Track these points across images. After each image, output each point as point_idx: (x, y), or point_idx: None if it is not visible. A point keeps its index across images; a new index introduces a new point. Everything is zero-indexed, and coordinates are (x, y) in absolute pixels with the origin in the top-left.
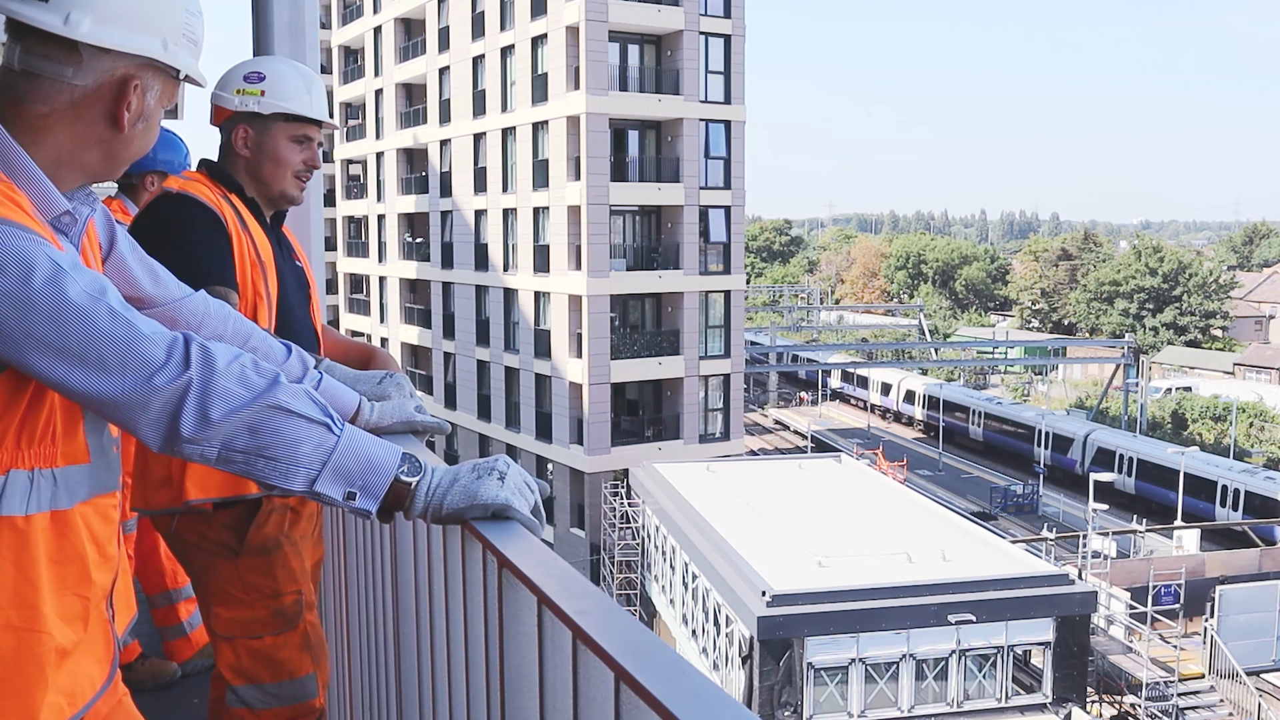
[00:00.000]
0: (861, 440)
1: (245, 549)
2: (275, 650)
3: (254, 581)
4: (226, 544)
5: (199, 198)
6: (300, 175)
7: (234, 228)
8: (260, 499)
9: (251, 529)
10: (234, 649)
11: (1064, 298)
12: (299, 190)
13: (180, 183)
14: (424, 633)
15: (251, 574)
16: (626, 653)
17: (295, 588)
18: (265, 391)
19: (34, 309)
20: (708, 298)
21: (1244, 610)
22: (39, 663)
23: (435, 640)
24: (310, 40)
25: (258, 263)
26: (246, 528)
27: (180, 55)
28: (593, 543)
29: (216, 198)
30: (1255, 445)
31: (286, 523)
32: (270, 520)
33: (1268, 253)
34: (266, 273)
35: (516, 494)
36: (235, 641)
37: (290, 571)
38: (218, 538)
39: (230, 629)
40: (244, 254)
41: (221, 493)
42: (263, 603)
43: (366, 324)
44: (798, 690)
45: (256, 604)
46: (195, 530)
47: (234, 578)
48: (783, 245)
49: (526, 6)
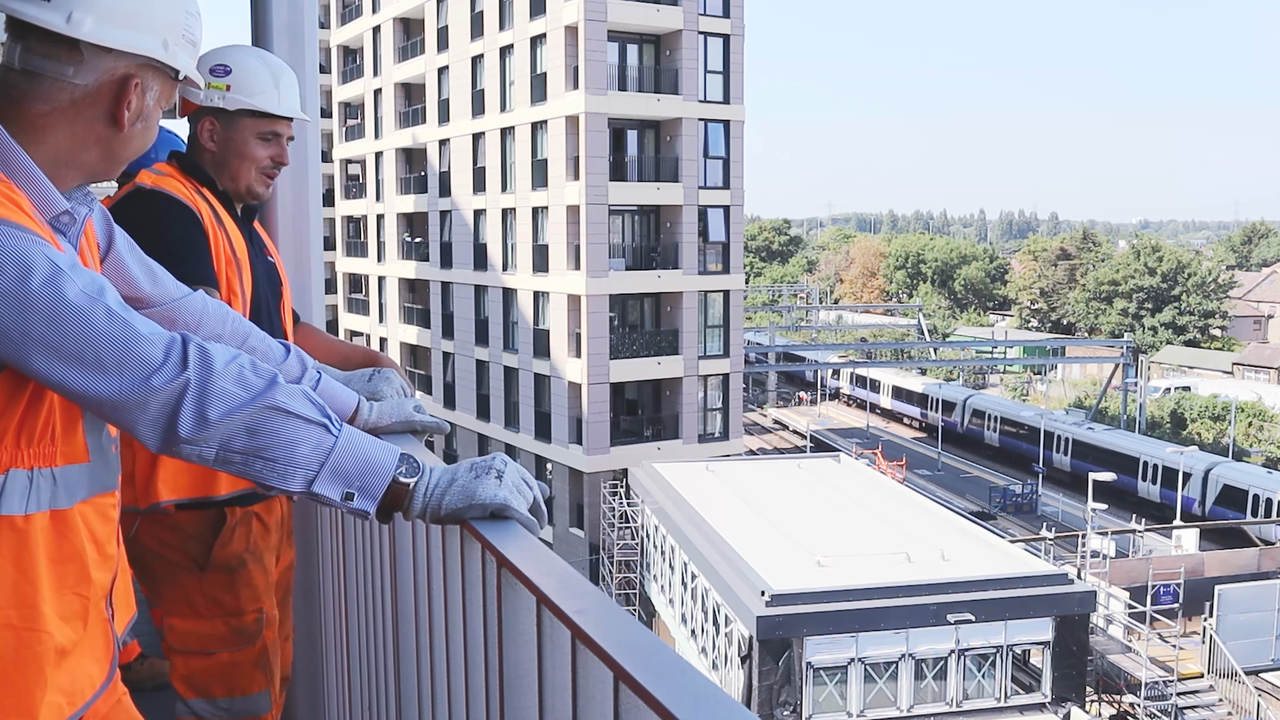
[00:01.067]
0: (860, 440)
1: (210, 564)
2: (230, 667)
3: (216, 597)
4: (192, 555)
5: (173, 194)
6: (267, 172)
7: (209, 223)
8: (225, 511)
9: (216, 545)
10: (187, 661)
11: (1063, 297)
12: (265, 187)
13: (153, 178)
14: (423, 633)
15: (214, 590)
16: (626, 652)
17: (257, 605)
18: (263, 392)
19: (32, 309)
20: (707, 297)
21: (1243, 610)
22: (38, 662)
23: (434, 640)
24: (309, 40)
25: (233, 259)
26: (213, 540)
27: (180, 56)
28: (592, 542)
29: (190, 193)
30: (1254, 445)
31: (253, 536)
32: (235, 537)
33: (1266, 252)
34: (241, 269)
35: (515, 493)
36: (190, 655)
37: (254, 590)
38: (184, 547)
39: (186, 642)
40: (219, 250)
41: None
42: (223, 619)
43: (365, 324)
44: (797, 690)
45: (216, 619)
46: (157, 537)
47: (196, 592)
48: (782, 245)
49: (525, 6)
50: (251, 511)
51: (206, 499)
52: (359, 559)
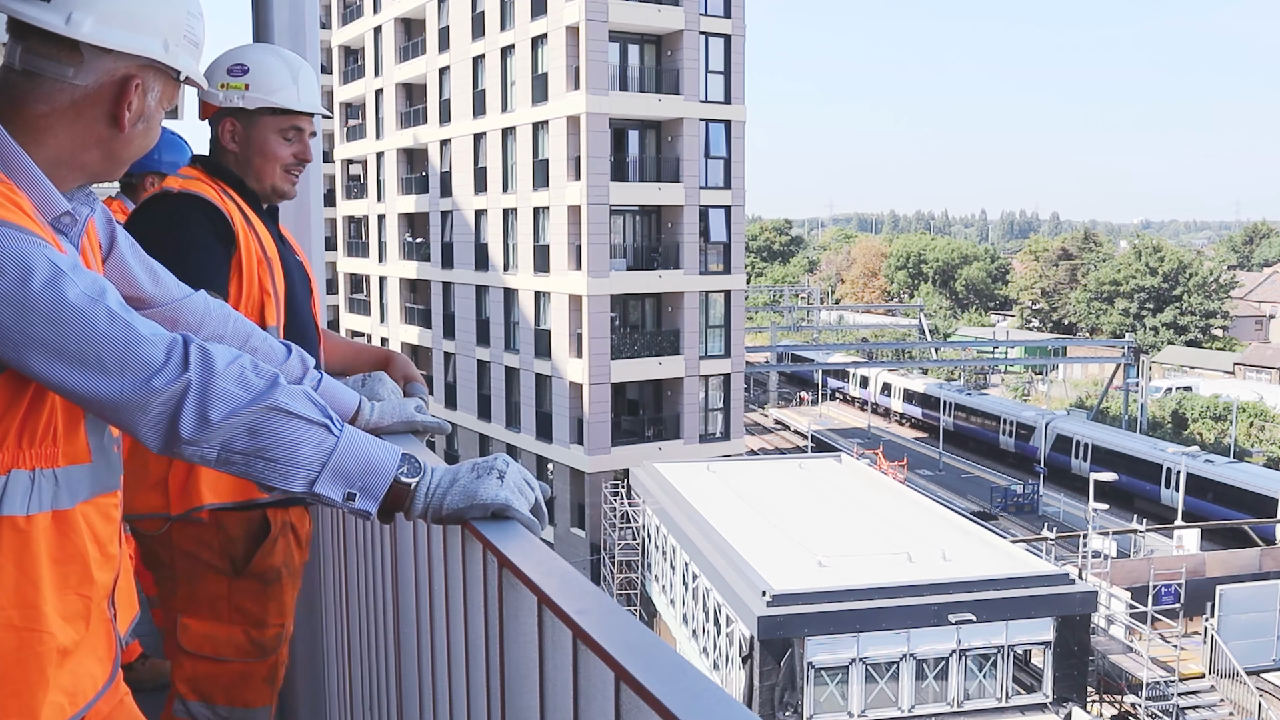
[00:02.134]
0: (861, 440)
1: (247, 571)
2: (241, 678)
3: (243, 605)
4: (232, 558)
5: (204, 196)
6: (291, 169)
7: (240, 225)
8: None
9: (258, 555)
10: (195, 664)
11: (1064, 297)
12: (290, 184)
13: (181, 182)
14: (424, 633)
15: (243, 597)
16: (627, 652)
17: (281, 620)
18: (265, 393)
19: (33, 311)
20: (708, 298)
21: (1244, 610)
22: (40, 662)
23: (435, 640)
24: (310, 40)
25: (264, 259)
26: (255, 547)
27: (181, 56)
28: (593, 542)
29: (219, 195)
30: (1255, 445)
31: (291, 550)
32: (277, 549)
33: (1268, 252)
34: (273, 268)
35: (516, 493)
36: (200, 659)
37: (281, 605)
38: (225, 549)
39: (200, 645)
40: (250, 250)
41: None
42: (244, 628)
43: (367, 324)
44: (798, 690)
45: (237, 627)
46: (196, 538)
47: (222, 596)
48: (783, 245)
49: (526, 6)
50: (289, 522)
51: (251, 501)
52: (360, 559)
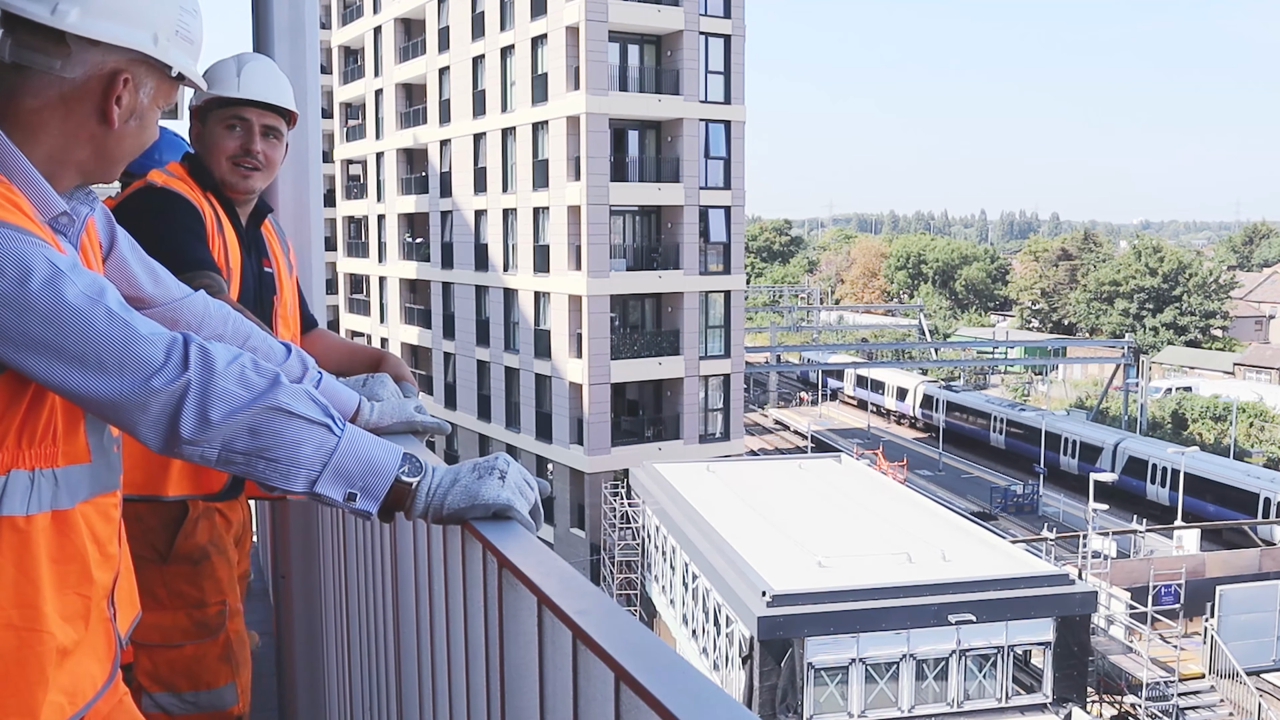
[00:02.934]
0: (861, 440)
1: (172, 556)
2: (194, 660)
3: (179, 589)
4: (154, 547)
5: (182, 194)
6: (239, 161)
7: (211, 228)
8: (187, 504)
9: (179, 537)
10: (151, 656)
11: (1064, 298)
12: (240, 178)
13: (164, 178)
14: (424, 633)
15: (177, 581)
16: (626, 653)
17: (220, 598)
18: (265, 392)
19: (31, 311)
20: (708, 298)
21: (1244, 610)
22: (40, 662)
23: (435, 640)
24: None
25: (225, 266)
26: (175, 532)
27: (172, 52)
28: (593, 543)
29: (198, 195)
30: (1255, 445)
31: (216, 529)
32: (199, 528)
33: (1268, 253)
34: (231, 278)
35: (517, 494)
36: (154, 649)
37: (217, 582)
38: (146, 539)
39: (149, 635)
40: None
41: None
42: (185, 611)
43: (366, 324)
44: (798, 690)
45: (179, 611)
46: None
47: (158, 583)
48: (783, 245)
49: (526, 6)
50: (213, 506)
51: (156, 496)
52: (360, 559)
